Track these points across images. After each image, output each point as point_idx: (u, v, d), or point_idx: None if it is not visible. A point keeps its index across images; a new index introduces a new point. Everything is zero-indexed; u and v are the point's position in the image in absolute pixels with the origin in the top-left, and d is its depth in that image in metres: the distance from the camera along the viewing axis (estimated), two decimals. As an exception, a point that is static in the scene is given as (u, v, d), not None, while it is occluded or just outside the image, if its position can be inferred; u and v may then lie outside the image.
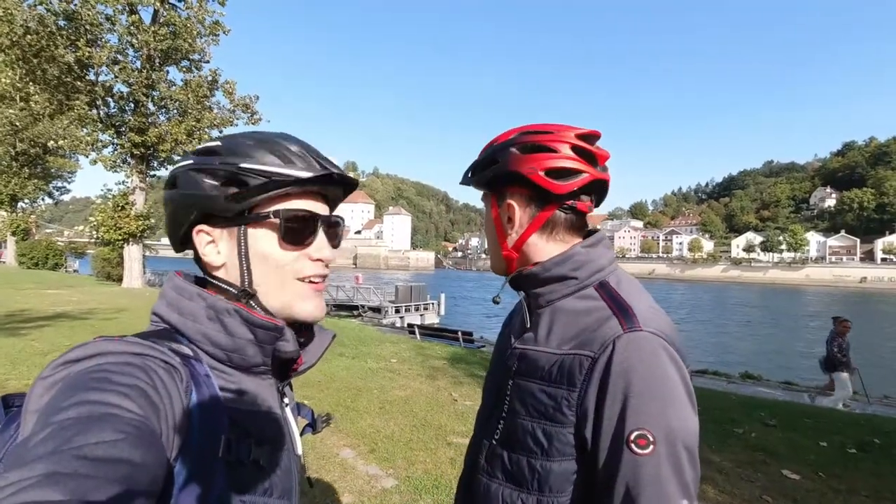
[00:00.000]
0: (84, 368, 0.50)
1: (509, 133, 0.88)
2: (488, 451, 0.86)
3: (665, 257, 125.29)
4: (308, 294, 0.70)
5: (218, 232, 0.68)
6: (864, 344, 23.76)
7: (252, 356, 0.65)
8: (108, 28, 16.80)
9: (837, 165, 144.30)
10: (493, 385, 0.94)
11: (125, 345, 0.54)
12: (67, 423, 0.42)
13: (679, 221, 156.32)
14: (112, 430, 0.43)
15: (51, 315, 10.26)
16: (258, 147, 0.66)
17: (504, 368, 0.88)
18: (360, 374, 6.34)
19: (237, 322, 0.63)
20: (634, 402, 0.67)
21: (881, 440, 4.58)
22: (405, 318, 22.39)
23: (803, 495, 3.40)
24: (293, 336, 0.70)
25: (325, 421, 0.86)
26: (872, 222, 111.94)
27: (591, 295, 0.81)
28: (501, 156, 0.85)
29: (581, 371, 0.73)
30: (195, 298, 0.65)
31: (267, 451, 0.64)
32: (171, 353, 0.57)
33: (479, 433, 0.95)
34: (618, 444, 0.68)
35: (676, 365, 0.70)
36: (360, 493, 3.18)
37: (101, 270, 24.83)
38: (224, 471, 0.56)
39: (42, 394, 0.48)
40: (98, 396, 0.46)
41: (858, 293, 73.51)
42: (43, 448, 0.40)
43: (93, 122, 18.01)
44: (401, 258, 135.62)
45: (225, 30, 19.44)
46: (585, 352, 0.73)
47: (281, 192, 0.66)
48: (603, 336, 0.73)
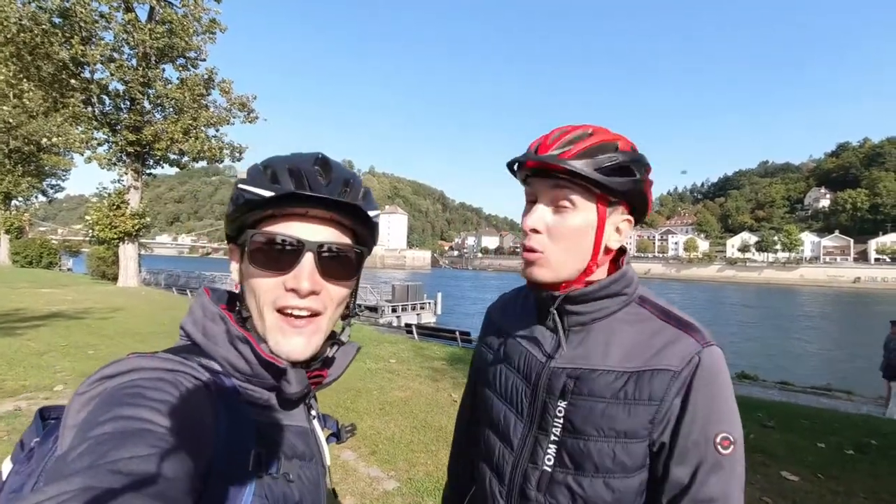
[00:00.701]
0: (118, 384, 0.52)
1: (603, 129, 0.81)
2: (540, 478, 0.81)
3: (661, 257, 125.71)
4: (284, 329, 0.64)
5: (235, 250, 0.70)
6: (857, 344, 23.96)
7: (270, 379, 0.65)
8: (104, 26, 16.70)
9: (832, 166, 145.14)
10: (517, 406, 0.87)
11: (157, 361, 0.56)
12: (103, 437, 0.44)
13: (675, 221, 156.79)
14: (145, 445, 0.44)
15: (46, 314, 10.20)
16: (265, 167, 0.65)
17: (540, 388, 0.84)
18: (358, 374, 6.33)
19: (249, 350, 0.63)
20: (717, 409, 0.74)
21: (878, 441, 4.61)
22: (402, 317, 22.33)
23: (802, 497, 3.41)
24: (297, 377, 0.66)
25: (349, 431, 0.86)
26: (866, 223, 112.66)
27: (638, 311, 0.83)
28: (639, 170, 0.79)
29: (664, 385, 0.75)
30: (217, 321, 0.65)
31: (296, 465, 0.64)
32: (200, 369, 0.59)
33: (507, 459, 0.86)
34: (705, 446, 0.73)
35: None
36: (363, 495, 3.18)
37: (96, 269, 24.73)
38: (254, 485, 0.57)
39: (79, 409, 0.50)
40: (132, 412, 0.47)
41: (852, 293, 74.01)
42: (80, 462, 0.41)
43: (87, 119, 17.91)
44: (397, 257, 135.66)
45: (221, 28, 19.38)
46: (664, 367, 0.76)
47: (261, 215, 0.64)
48: (682, 351, 0.76)
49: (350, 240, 0.69)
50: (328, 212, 0.65)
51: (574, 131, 0.79)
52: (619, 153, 0.78)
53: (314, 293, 0.64)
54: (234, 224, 0.67)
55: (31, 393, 4.85)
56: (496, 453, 0.89)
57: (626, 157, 0.78)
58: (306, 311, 0.64)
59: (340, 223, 0.68)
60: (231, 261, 0.71)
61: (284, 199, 0.62)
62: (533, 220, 0.80)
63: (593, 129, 0.80)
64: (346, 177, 0.66)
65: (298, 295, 0.63)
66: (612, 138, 0.79)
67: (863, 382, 11.69)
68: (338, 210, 0.65)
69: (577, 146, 0.76)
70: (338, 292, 0.68)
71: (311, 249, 0.64)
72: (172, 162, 20.46)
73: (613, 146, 0.78)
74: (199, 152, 19.44)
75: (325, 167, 0.65)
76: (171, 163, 20.51)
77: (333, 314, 0.69)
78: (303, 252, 0.64)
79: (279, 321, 0.64)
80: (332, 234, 0.67)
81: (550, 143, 0.78)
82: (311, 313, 0.65)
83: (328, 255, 0.66)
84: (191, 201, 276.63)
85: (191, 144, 18.94)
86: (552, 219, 0.80)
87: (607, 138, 0.79)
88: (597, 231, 0.80)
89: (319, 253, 0.65)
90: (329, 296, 0.67)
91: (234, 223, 0.67)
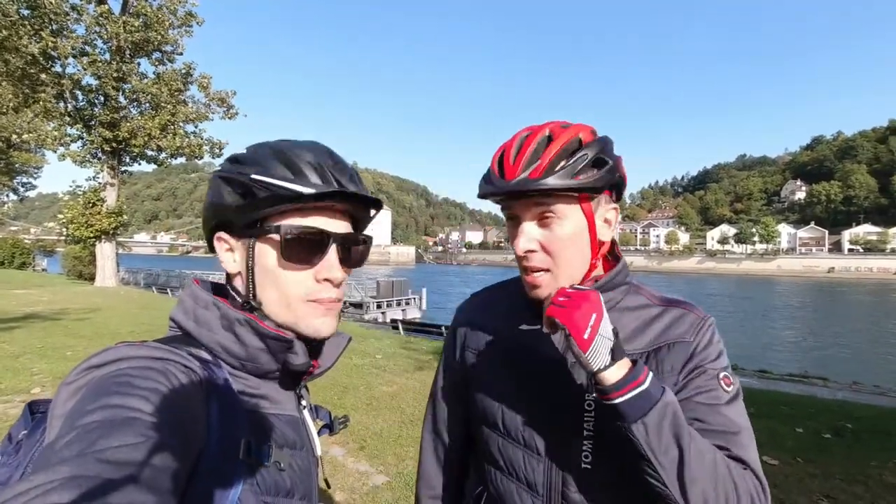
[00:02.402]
0: (107, 373, 0.51)
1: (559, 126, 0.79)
2: (580, 479, 0.79)
3: (643, 250, 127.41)
4: (315, 313, 0.67)
5: (234, 241, 0.68)
6: (832, 332, 24.69)
7: (265, 363, 0.66)
8: (75, 18, 16.19)
9: (807, 159, 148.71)
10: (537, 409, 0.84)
11: (146, 349, 0.55)
12: (91, 426, 0.43)
13: (656, 214, 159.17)
14: (134, 434, 0.44)
15: (20, 316, 9.91)
16: (274, 157, 0.65)
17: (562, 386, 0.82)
18: (345, 370, 6.29)
19: (248, 332, 0.64)
20: (720, 358, 0.81)
21: (853, 425, 4.74)
22: (387, 313, 22.28)
23: (782, 480, 3.50)
24: (303, 349, 0.68)
25: (342, 423, 0.85)
26: (840, 214, 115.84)
27: (637, 298, 0.88)
28: (610, 155, 0.78)
29: (685, 354, 0.80)
30: (210, 307, 0.65)
31: (287, 454, 0.64)
32: (190, 358, 0.58)
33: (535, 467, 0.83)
34: (713, 381, 0.78)
35: None
36: (352, 490, 3.17)
37: (72, 269, 24.07)
38: (245, 473, 0.57)
39: (67, 399, 0.50)
40: (120, 401, 0.47)
41: (827, 282, 76.07)
42: (68, 451, 0.41)
43: (60, 115, 17.38)
44: (381, 253, 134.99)
45: (199, 20, 18.96)
46: (678, 339, 0.81)
47: (289, 207, 0.64)
48: (691, 324, 0.82)
49: (353, 228, 0.72)
50: (347, 204, 0.69)
51: (532, 141, 0.77)
52: (586, 147, 0.76)
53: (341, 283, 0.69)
54: (247, 216, 0.65)
55: (8, 396, 4.72)
56: (520, 463, 0.84)
57: (595, 149, 0.76)
58: (336, 300, 0.68)
59: (351, 214, 0.71)
60: (222, 250, 0.69)
61: (322, 196, 0.64)
62: (525, 242, 0.78)
63: (549, 128, 0.79)
64: (351, 168, 0.69)
65: (333, 284, 0.67)
66: (572, 134, 0.77)
67: (837, 369, 12.06)
68: (358, 203, 0.69)
69: (544, 159, 0.75)
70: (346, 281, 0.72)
71: (336, 241, 0.67)
72: (150, 159, 19.98)
73: (577, 142, 0.77)
74: (177, 149, 19.02)
75: (338, 160, 0.68)
76: (149, 160, 20.03)
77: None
78: (329, 244, 0.67)
79: (309, 309, 0.67)
80: (347, 226, 0.70)
81: (514, 163, 0.76)
82: (337, 301, 0.69)
83: (349, 245, 0.70)
84: (169, 199, 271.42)
85: (169, 141, 18.52)
86: (542, 234, 0.79)
87: (568, 135, 0.77)
88: (589, 230, 0.80)
89: (343, 244, 0.68)
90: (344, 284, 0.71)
91: (247, 215, 0.65)
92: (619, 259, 0.90)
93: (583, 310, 0.68)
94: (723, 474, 0.70)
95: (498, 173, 0.79)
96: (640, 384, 0.69)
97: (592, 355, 0.68)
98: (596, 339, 0.68)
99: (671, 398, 0.71)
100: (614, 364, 0.69)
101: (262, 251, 0.66)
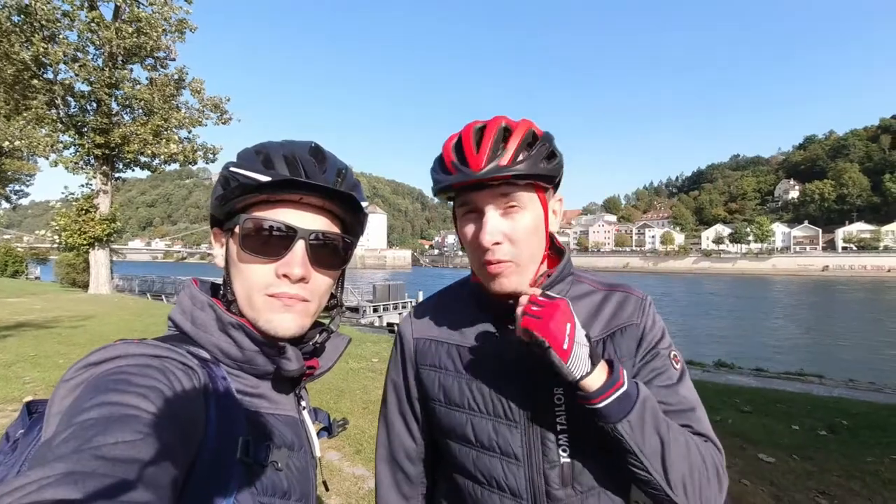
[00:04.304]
0: (105, 371, 0.51)
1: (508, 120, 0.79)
2: (562, 473, 0.79)
3: (638, 251, 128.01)
4: (271, 308, 0.65)
5: (220, 235, 0.69)
6: (827, 330, 24.81)
7: (262, 365, 0.66)
8: (67, 24, 16.11)
9: (800, 158, 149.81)
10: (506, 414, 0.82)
11: (144, 347, 0.55)
12: (88, 423, 0.43)
13: (651, 215, 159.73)
14: (131, 431, 0.43)
15: (13, 324, 9.81)
16: (257, 151, 0.65)
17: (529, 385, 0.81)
18: (341, 374, 6.26)
19: (243, 336, 0.64)
20: (665, 337, 0.86)
21: (849, 422, 4.75)
22: (384, 317, 22.22)
23: (779, 477, 3.51)
24: (296, 355, 0.68)
25: (341, 425, 0.85)
26: (833, 212, 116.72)
27: (581, 286, 0.91)
28: (557, 148, 0.80)
29: (635, 336, 0.84)
30: (206, 309, 0.65)
31: (285, 454, 0.64)
32: (189, 356, 0.58)
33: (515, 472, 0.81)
34: (666, 362, 0.83)
35: None
36: (348, 494, 3.15)
37: (65, 277, 23.86)
38: (242, 472, 0.56)
39: (65, 396, 0.49)
40: (118, 398, 0.46)
41: (821, 280, 76.54)
42: (64, 448, 0.41)
43: (52, 122, 17.23)
44: (377, 257, 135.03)
45: (192, 27, 18.90)
46: (627, 322, 0.85)
47: (255, 199, 0.63)
48: (634, 306, 0.87)
49: (339, 229, 0.70)
50: (322, 200, 0.66)
51: (491, 133, 0.76)
52: (543, 140, 0.78)
53: (303, 280, 0.65)
54: (223, 208, 0.65)
55: (0, 405, 4.68)
56: (500, 472, 0.82)
57: (549, 142, 0.79)
58: (296, 298, 0.65)
59: (331, 212, 0.69)
60: (215, 245, 0.70)
61: (280, 184, 0.62)
62: (491, 233, 0.77)
63: (504, 121, 0.79)
64: (340, 166, 0.68)
65: (290, 280, 0.64)
66: (526, 127, 0.78)
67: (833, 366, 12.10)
68: (331, 199, 0.66)
69: (509, 147, 0.75)
70: (324, 281, 0.69)
71: (303, 237, 0.65)
72: (143, 165, 19.86)
73: (532, 134, 0.78)
74: (171, 155, 18.92)
75: (320, 155, 0.66)
76: (142, 166, 19.91)
77: (321, 301, 0.70)
78: (295, 239, 0.64)
79: (269, 302, 0.65)
80: (323, 223, 0.67)
81: (478, 152, 0.75)
82: (300, 299, 0.66)
83: (319, 243, 0.67)
84: (164, 205, 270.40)
85: (163, 147, 18.42)
86: (507, 224, 0.78)
87: (523, 128, 0.77)
88: (545, 222, 0.82)
89: (311, 241, 0.66)
90: (316, 284, 0.68)
91: (223, 207, 0.65)
92: (561, 251, 0.92)
93: (557, 320, 0.69)
94: (694, 453, 0.74)
95: (461, 164, 0.77)
96: (621, 386, 0.71)
97: (573, 364, 0.69)
98: (574, 347, 0.70)
99: (646, 392, 0.74)
100: (595, 370, 0.71)
101: (231, 244, 0.67)
